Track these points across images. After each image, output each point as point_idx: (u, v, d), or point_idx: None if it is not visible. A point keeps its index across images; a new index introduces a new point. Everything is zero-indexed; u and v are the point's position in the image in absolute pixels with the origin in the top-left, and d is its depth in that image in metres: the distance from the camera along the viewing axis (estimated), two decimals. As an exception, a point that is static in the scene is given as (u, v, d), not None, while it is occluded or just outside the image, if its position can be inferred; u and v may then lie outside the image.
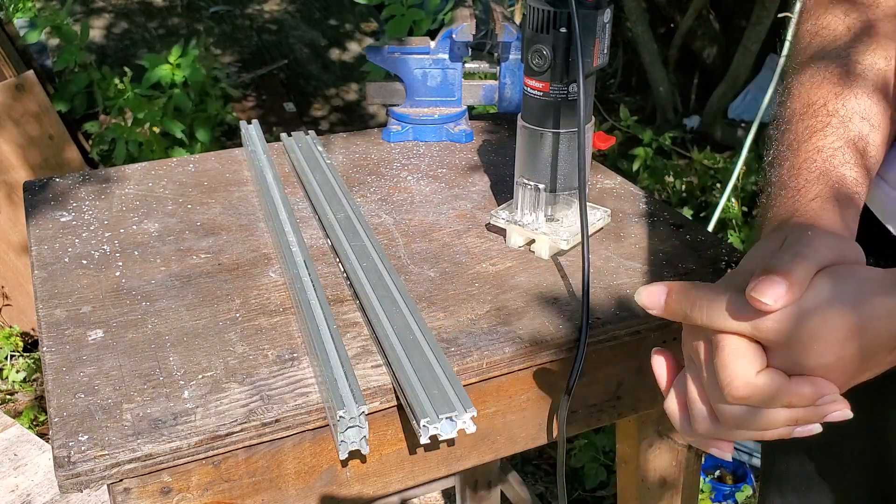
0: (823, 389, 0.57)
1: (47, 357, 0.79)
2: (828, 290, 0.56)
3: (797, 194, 0.68)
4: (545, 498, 2.00)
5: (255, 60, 4.12)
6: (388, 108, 1.28)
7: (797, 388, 0.57)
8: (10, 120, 2.38)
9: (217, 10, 4.42)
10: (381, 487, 0.82)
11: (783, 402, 0.58)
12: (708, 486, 1.93)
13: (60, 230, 1.02)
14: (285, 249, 0.93)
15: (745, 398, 0.58)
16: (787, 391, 0.57)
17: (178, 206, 1.08)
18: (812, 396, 0.57)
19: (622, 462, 1.05)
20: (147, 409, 0.72)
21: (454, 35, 1.20)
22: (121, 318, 0.85)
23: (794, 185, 0.69)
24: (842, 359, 0.56)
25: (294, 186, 1.13)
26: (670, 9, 3.85)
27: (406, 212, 1.07)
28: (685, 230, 1.01)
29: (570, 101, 0.91)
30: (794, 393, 0.57)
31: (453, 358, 0.79)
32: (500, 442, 0.86)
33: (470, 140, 1.28)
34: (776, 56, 3.52)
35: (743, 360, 0.58)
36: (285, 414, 0.72)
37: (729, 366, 0.58)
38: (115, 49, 3.98)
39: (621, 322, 0.84)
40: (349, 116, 3.95)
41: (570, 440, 2.04)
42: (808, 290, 0.57)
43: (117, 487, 0.69)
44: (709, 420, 0.62)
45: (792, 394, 0.57)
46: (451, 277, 0.92)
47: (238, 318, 0.85)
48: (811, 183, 0.68)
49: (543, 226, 0.96)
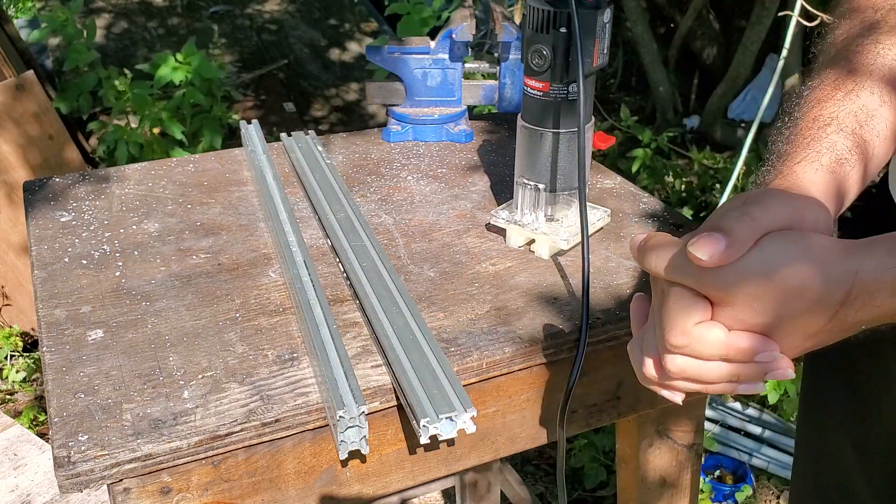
0: (761, 346, 0.59)
1: (47, 357, 0.79)
2: (771, 252, 0.58)
3: (786, 158, 0.70)
4: (545, 498, 2.00)
5: (255, 60, 4.12)
6: (388, 108, 1.28)
7: (734, 341, 0.59)
8: (10, 120, 2.38)
9: (217, 10, 4.42)
10: (381, 487, 0.82)
11: (720, 355, 0.60)
12: (708, 486, 1.93)
13: (60, 230, 1.02)
14: (285, 249, 0.93)
15: (680, 347, 0.60)
16: (724, 344, 0.59)
17: (178, 206, 1.08)
18: (749, 351, 0.59)
19: (622, 462, 1.05)
20: (147, 409, 0.72)
21: (454, 35, 1.20)
22: (121, 318, 0.85)
23: (784, 151, 0.71)
24: (783, 319, 0.58)
25: (294, 186, 1.13)
26: (670, 9, 3.85)
27: (406, 212, 1.07)
28: (685, 230, 1.01)
29: (570, 101, 0.91)
30: (731, 346, 0.59)
31: (453, 358, 0.79)
32: (500, 442, 0.86)
33: (470, 140, 1.28)
34: (776, 56, 3.52)
35: (683, 310, 0.60)
36: (285, 414, 0.72)
37: (670, 315, 0.60)
38: (115, 49, 3.98)
39: (621, 322, 0.84)
40: (349, 116, 3.95)
41: (570, 440, 2.04)
42: (753, 249, 0.58)
43: (117, 487, 0.69)
44: (657, 367, 0.64)
45: (728, 347, 0.59)
46: (451, 277, 0.92)
47: (238, 318, 0.85)
48: (800, 148, 0.70)
49: (543, 226, 0.96)
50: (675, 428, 0.99)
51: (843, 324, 0.58)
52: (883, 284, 0.55)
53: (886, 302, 0.56)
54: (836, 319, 0.57)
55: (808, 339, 0.60)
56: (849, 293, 0.56)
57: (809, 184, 0.66)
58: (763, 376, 0.61)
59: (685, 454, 1.02)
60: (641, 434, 0.99)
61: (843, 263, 0.56)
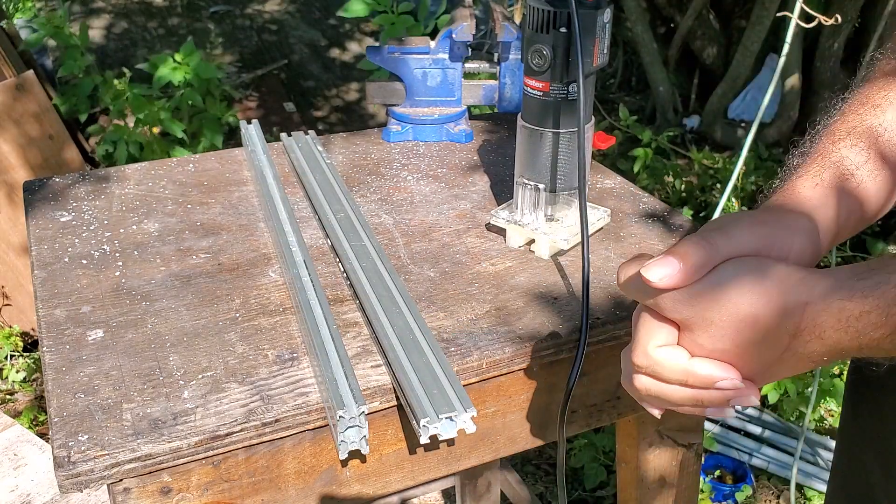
0: (720, 373, 0.59)
1: (47, 357, 0.79)
2: (725, 279, 0.58)
3: (792, 172, 0.70)
4: (545, 498, 2.00)
5: (255, 60, 4.12)
6: (388, 108, 1.28)
7: (693, 367, 0.59)
8: (10, 120, 2.38)
9: (217, 10, 4.42)
10: (381, 487, 0.82)
11: (679, 380, 0.60)
12: (708, 486, 1.93)
13: (60, 230, 1.02)
14: (285, 249, 0.93)
15: (641, 367, 0.62)
16: (683, 369, 0.60)
17: (178, 206, 1.08)
18: (707, 379, 0.59)
19: (622, 462, 1.05)
20: (147, 409, 0.72)
21: (454, 35, 1.20)
22: (121, 318, 0.85)
23: (794, 165, 0.71)
24: (740, 347, 0.58)
25: (294, 186, 1.13)
26: (670, 9, 3.85)
27: (406, 212, 1.07)
28: (685, 230, 1.01)
29: (570, 100, 0.91)
30: (689, 373, 0.60)
31: (453, 358, 0.79)
32: (500, 442, 0.86)
33: (470, 140, 1.28)
34: (776, 56, 3.52)
35: (648, 332, 0.61)
36: (285, 414, 0.72)
37: (636, 335, 0.62)
38: (114, 49, 3.98)
39: (621, 322, 0.84)
40: (349, 116, 3.95)
41: (570, 440, 2.04)
42: (709, 275, 0.58)
43: (117, 487, 0.69)
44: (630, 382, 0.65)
45: (687, 373, 0.60)
46: (451, 277, 0.92)
47: (238, 318, 0.85)
48: (808, 162, 0.70)
49: (543, 226, 0.96)
50: (675, 428, 0.99)
51: (799, 355, 0.57)
52: (828, 316, 0.55)
53: (832, 336, 0.55)
54: (790, 351, 0.57)
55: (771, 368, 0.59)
56: (798, 325, 0.56)
57: (805, 199, 0.66)
58: (726, 403, 0.61)
59: (685, 454, 1.02)
60: (641, 434, 0.99)
61: (795, 294, 0.56)
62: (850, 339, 0.54)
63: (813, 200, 0.67)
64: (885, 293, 0.53)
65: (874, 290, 0.54)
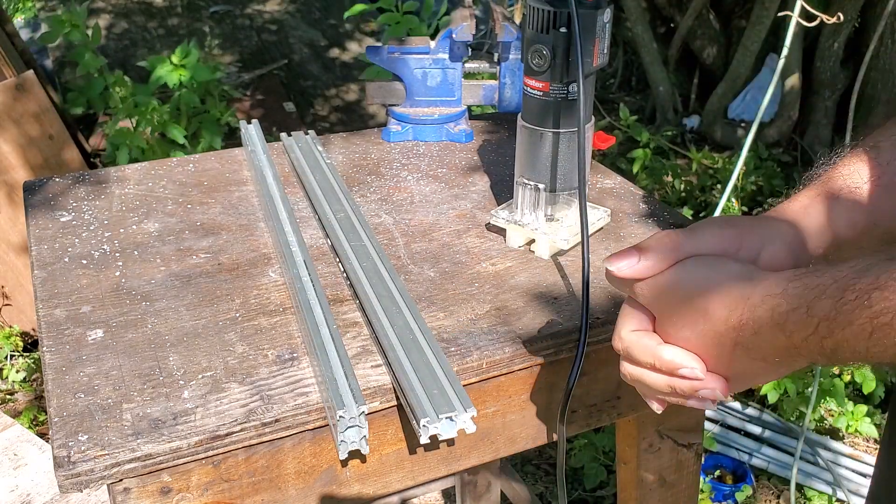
0: (682, 360, 0.61)
1: (47, 357, 0.79)
2: (682, 272, 0.62)
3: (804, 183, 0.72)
4: (545, 498, 2.00)
5: (255, 60, 4.12)
6: (388, 108, 1.28)
7: (658, 351, 0.62)
8: (10, 120, 2.38)
9: (217, 10, 4.42)
10: (381, 487, 0.82)
11: (648, 363, 0.63)
12: (708, 486, 1.93)
13: (60, 230, 1.02)
14: (285, 249, 0.93)
15: (618, 350, 0.66)
16: (650, 352, 0.63)
17: (178, 206, 1.08)
18: (669, 363, 0.62)
19: (622, 462, 1.05)
20: (147, 408, 0.72)
21: (454, 35, 1.20)
22: (121, 318, 0.85)
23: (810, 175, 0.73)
24: (698, 337, 0.60)
25: (294, 186, 1.13)
26: (670, 9, 3.85)
27: (406, 212, 1.07)
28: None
29: (570, 100, 0.91)
30: (656, 356, 0.63)
31: (453, 358, 0.79)
32: (500, 442, 0.86)
33: (470, 140, 1.28)
34: (776, 56, 3.52)
35: (624, 317, 0.66)
36: (285, 414, 0.72)
37: (618, 321, 0.67)
38: (115, 49, 3.98)
39: (621, 322, 0.84)
40: (349, 116, 3.95)
41: (570, 440, 2.04)
42: (669, 269, 0.62)
43: (117, 487, 0.69)
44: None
45: (654, 356, 0.63)
46: (451, 277, 0.92)
47: (238, 318, 0.85)
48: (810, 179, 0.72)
49: (543, 226, 0.96)
50: (675, 428, 0.99)
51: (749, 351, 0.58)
52: (763, 311, 0.55)
53: (769, 332, 0.55)
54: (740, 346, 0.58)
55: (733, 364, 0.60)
56: (740, 318, 0.57)
57: (787, 208, 0.69)
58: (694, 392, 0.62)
59: (685, 454, 1.02)
60: (641, 434, 0.99)
61: (739, 289, 0.58)
62: (786, 338, 0.55)
63: (796, 208, 0.69)
64: (807, 293, 0.54)
65: (804, 289, 0.54)
